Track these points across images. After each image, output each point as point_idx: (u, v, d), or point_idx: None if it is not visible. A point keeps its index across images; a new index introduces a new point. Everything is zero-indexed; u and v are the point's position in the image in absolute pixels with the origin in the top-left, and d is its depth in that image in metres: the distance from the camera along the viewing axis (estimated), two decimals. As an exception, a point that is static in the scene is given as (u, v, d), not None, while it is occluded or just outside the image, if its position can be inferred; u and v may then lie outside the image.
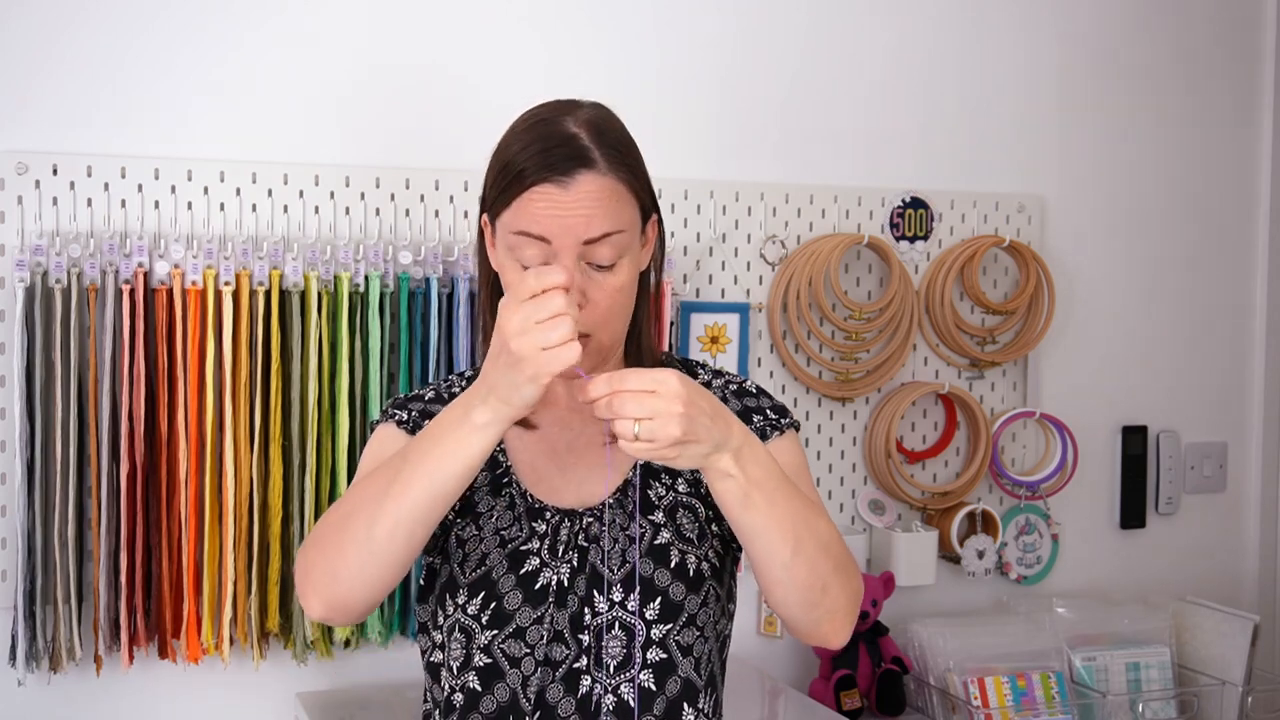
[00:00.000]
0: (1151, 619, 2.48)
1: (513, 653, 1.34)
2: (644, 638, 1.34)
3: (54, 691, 2.05)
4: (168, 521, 2.02)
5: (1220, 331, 2.83)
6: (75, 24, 2.04)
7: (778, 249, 2.42)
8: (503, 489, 1.42)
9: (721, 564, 1.42)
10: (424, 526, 1.26)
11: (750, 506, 1.25)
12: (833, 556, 1.30)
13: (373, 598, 1.30)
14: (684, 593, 1.36)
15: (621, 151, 1.35)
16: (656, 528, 1.38)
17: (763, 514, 1.26)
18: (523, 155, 1.32)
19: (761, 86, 2.43)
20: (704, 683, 1.37)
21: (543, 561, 1.36)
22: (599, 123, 1.35)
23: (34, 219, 2.00)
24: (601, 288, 1.33)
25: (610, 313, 1.35)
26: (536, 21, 2.29)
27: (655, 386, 1.18)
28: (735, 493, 1.25)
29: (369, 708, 2.12)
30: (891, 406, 2.46)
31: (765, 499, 1.25)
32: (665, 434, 1.17)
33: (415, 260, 2.15)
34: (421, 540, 1.28)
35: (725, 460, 1.23)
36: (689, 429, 1.18)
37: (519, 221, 1.32)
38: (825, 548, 1.29)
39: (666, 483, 1.41)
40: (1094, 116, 2.69)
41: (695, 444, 1.20)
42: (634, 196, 1.35)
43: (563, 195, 1.30)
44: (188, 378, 2.01)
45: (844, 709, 2.29)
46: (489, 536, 1.39)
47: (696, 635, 1.36)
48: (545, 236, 1.31)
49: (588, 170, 1.31)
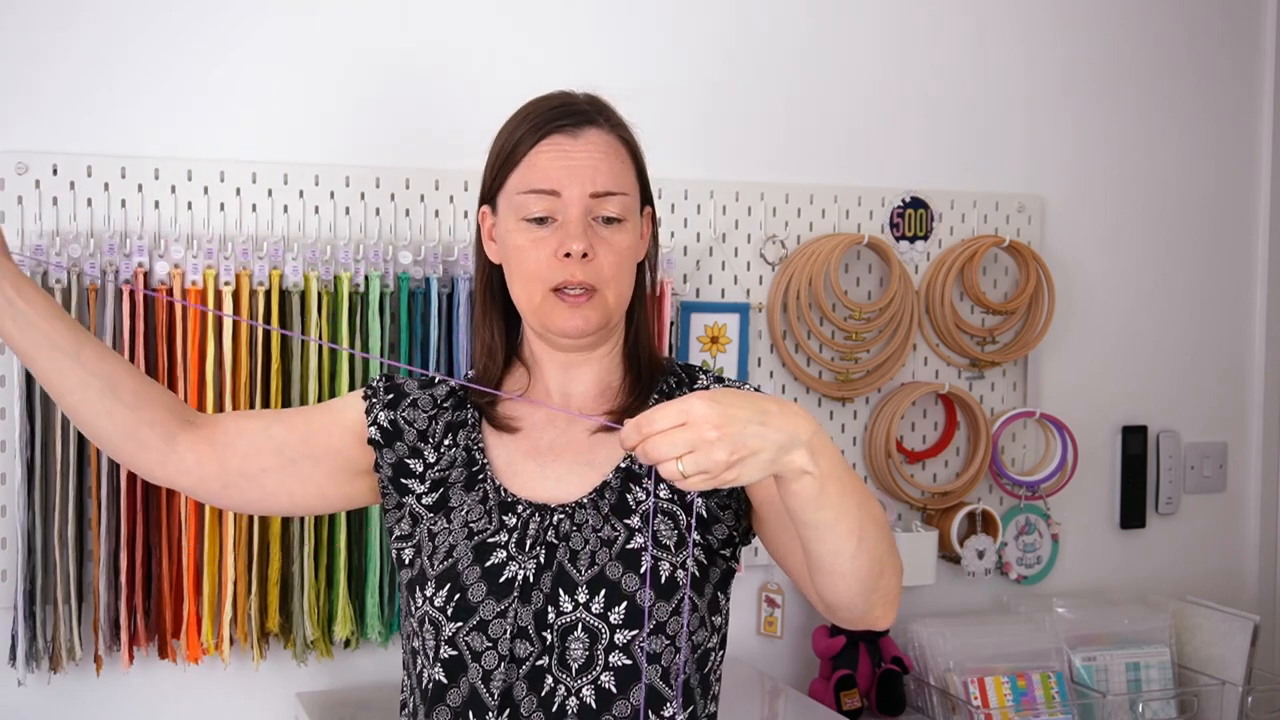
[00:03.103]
0: (1151, 619, 2.48)
1: (476, 646, 1.34)
2: (607, 641, 1.32)
3: (54, 691, 2.05)
4: (168, 521, 2.02)
5: (1220, 331, 2.83)
6: (75, 24, 2.04)
7: (778, 249, 2.43)
8: (477, 484, 1.42)
9: (703, 574, 1.38)
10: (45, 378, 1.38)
11: (824, 502, 1.18)
12: (887, 537, 1.24)
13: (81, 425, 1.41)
14: (653, 600, 1.33)
15: (623, 127, 1.43)
16: (631, 532, 1.36)
17: (835, 508, 1.18)
18: (527, 122, 1.39)
19: (762, 86, 2.43)
20: (674, 694, 1.34)
21: (509, 555, 1.36)
22: (598, 100, 1.44)
23: (34, 219, 2.00)
24: (608, 243, 1.37)
25: (617, 269, 1.38)
26: (536, 22, 2.29)
27: (683, 418, 1.11)
28: (811, 490, 1.16)
29: (369, 708, 2.12)
30: (891, 406, 2.46)
31: (838, 491, 1.18)
32: (712, 462, 1.11)
33: (415, 260, 2.15)
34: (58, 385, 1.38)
35: (800, 457, 1.15)
36: (735, 447, 1.11)
37: (528, 180, 1.37)
38: (882, 530, 1.23)
39: (647, 488, 1.39)
40: (1094, 116, 2.69)
41: (753, 455, 1.12)
42: (634, 166, 1.42)
43: (571, 144, 1.37)
44: (188, 378, 2.01)
45: (844, 709, 2.29)
46: (458, 529, 1.39)
47: (665, 644, 1.33)
48: (554, 189, 1.36)
49: (594, 127, 1.39)
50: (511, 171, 1.39)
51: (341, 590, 2.08)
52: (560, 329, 1.37)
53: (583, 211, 1.36)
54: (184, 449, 1.41)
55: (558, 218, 1.36)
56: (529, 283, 1.38)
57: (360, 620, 2.11)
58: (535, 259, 1.37)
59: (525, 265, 1.37)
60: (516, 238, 1.38)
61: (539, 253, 1.36)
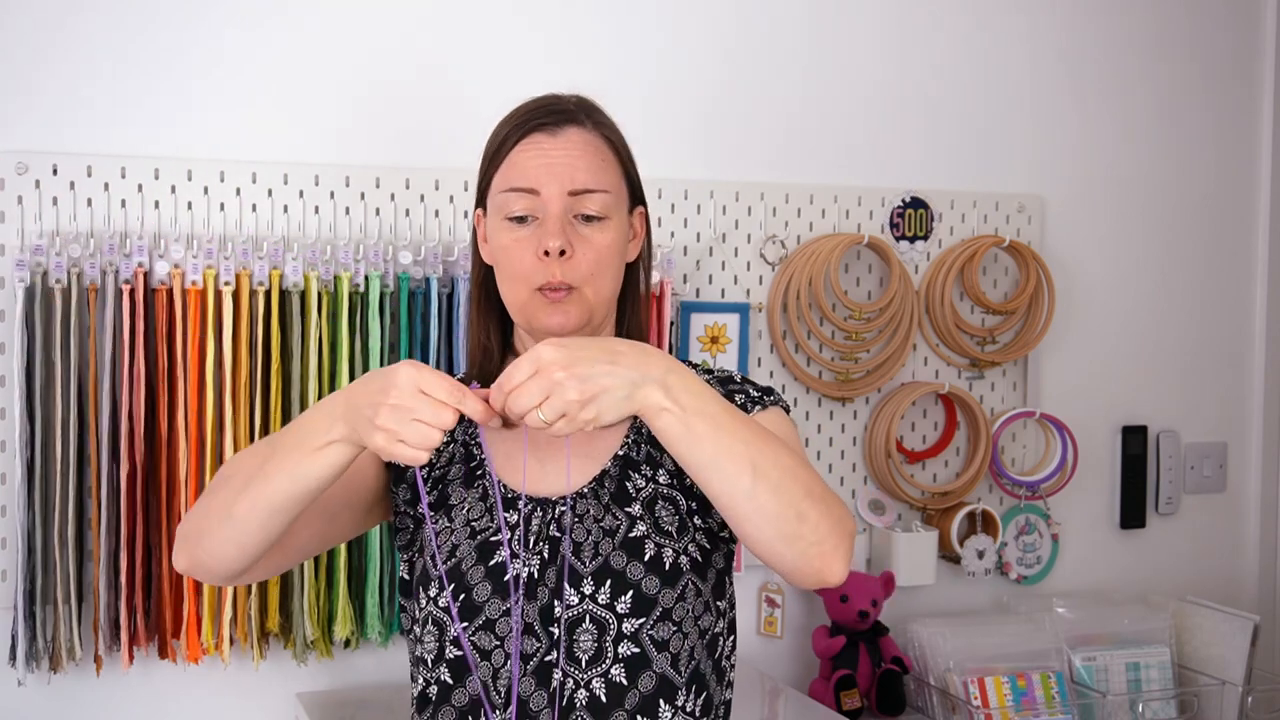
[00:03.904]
0: (1151, 619, 2.48)
1: (483, 645, 1.33)
2: (615, 632, 1.32)
3: (54, 691, 2.05)
4: (168, 521, 2.01)
5: (1220, 331, 2.83)
6: (75, 24, 2.04)
7: (778, 249, 2.43)
8: (476, 481, 1.41)
9: (706, 559, 1.38)
10: (282, 515, 1.27)
11: (696, 439, 1.20)
12: (800, 482, 1.22)
13: (228, 566, 1.31)
14: (658, 587, 1.33)
15: (607, 126, 1.43)
16: (633, 520, 1.36)
17: (710, 443, 1.20)
18: (511, 122, 1.41)
19: (762, 86, 2.43)
20: (685, 680, 1.34)
21: (513, 552, 1.35)
22: (586, 101, 1.44)
23: (34, 219, 2.00)
24: (588, 241, 1.38)
25: (598, 267, 1.38)
26: (536, 21, 2.29)
27: (534, 366, 1.17)
28: (675, 426, 1.20)
29: (369, 708, 2.12)
30: (891, 406, 2.46)
31: (709, 426, 1.20)
32: (565, 403, 1.16)
33: (415, 260, 2.15)
34: (280, 525, 1.28)
35: (653, 393, 1.19)
36: (584, 386, 1.16)
37: (508, 179, 1.39)
38: (789, 471, 1.22)
39: (646, 474, 1.39)
40: (1094, 116, 2.69)
41: (605, 393, 1.17)
42: (620, 165, 1.42)
43: (550, 142, 1.38)
44: (188, 378, 2.01)
45: (844, 709, 2.29)
46: (460, 528, 1.38)
47: (673, 630, 1.33)
48: (533, 187, 1.37)
49: (574, 125, 1.40)
50: (496, 171, 1.40)
51: (341, 590, 2.08)
52: (544, 326, 1.37)
53: (561, 209, 1.36)
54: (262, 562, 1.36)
55: (538, 216, 1.37)
56: (514, 283, 1.38)
57: (360, 620, 2.11)
58: (519, 259, 1.37)
59: (510, 265, 1.38)
60: (501, 237, 1.39)
61: (522, 252, 1.37)
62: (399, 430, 1.18)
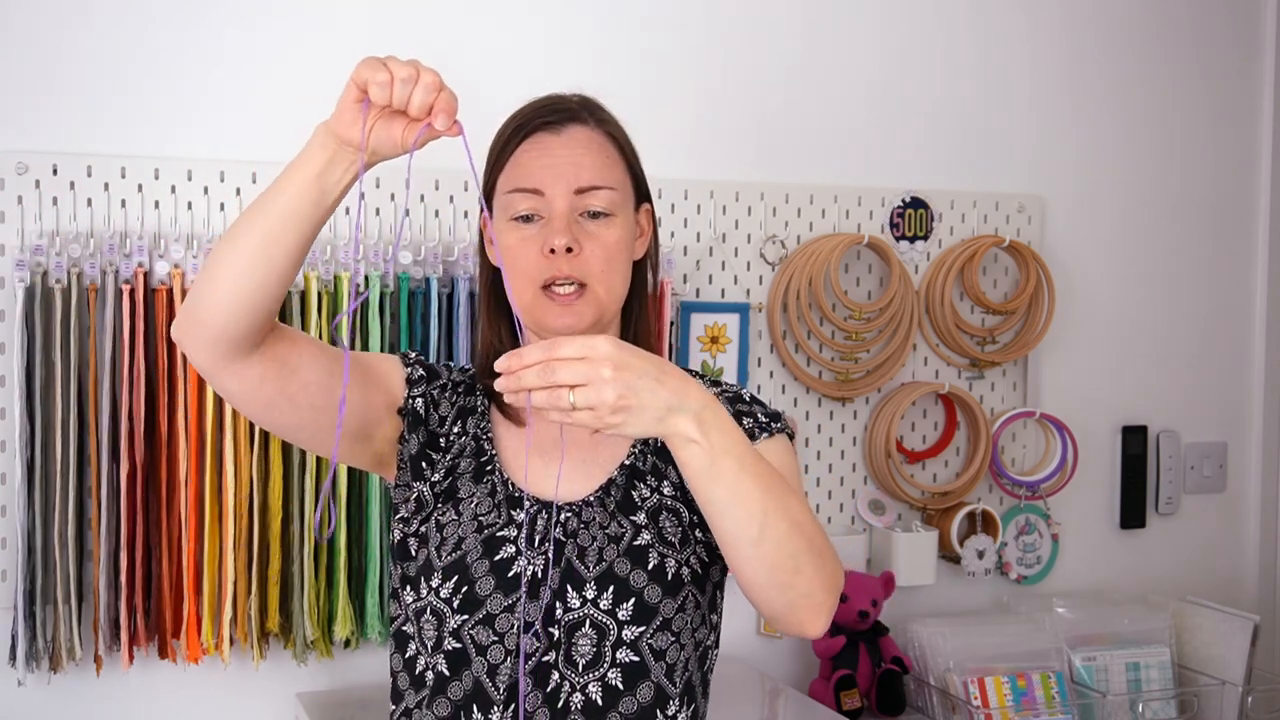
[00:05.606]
0: (1151, 619, 2.48)
1: (481, 640, 1.33)
2: (615, 638, 1.32)
3: (54, 691, 2.05)
4: (168, 521, 2.02)
5: (1220, 331, 2.83)
6: (75, 25, 2.04)
7: (778, 249, 2.43)
8: (485, 476, 1.41)
9: (705, 572, 1.39)
10: (279, 246, 1.24)
11: (717, 477, 1.19)
12: (805, 535, 1.23)
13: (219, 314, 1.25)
14: (660, 596, 1.33)
15: (611, 123, 1.43)
16: (638, 529, 1.36)
17: (729, 485, 1.20)
18: (514, 122, 1.41)
19: (762, 86, 2.43)
20: (678, 691, 1.35)
21: (518, 550, 1.35)
22: (588, 99, 1.44)
23: (34, 219, 2.00)
24: (595, 238, 1.37)
25: (607, 264, 1.38)
26: (536, 21, 2.29)
27: (586, 352, 1.14)
28: (700, 460, 1.19)
29: (369, 708, 2.12)
30: (891, 406, 2.46)
31: (733, 468, 1.19)
32: (600, 399, 1.13)
33: (415, 260, 2.15)
34: (278, 260, 1.24)
35: (685, 424, 1.18)
36: (625, 392, 1.14)
37: (512, 179, 1.39)
38: (796, 525, 1.23)
39: (652, 484, 1.40)
40: (1094, 117, 2.69)
41: (641, 409, 1.15)
42: (624, 162, 1.42)
43: (554, 140, 1.38)
44: (188, 378, 2.01)
45: (844, 709, 2.29)
46: (467, 521, 1.38)
47: (671, 640, 1.34)
48: (538, 187, 1.37)
49: (578, 123, 1.40)
50: (500, 172, 1.40)
51: (341, 590, 2.08)
52: (552, 328, 1.36)
53: (567, 208, 1.36)
54: (255, 359, 1.30)
55: (544, 215, 1.37)
56: (520, 282, 1.38)
57: (360, 620, 2.11)
58: (524, 258, 1.37)
59: (515, 265, 1.38)
60: (506, 237, 1.38)
61: (527, 251, 1.37)
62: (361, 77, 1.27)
